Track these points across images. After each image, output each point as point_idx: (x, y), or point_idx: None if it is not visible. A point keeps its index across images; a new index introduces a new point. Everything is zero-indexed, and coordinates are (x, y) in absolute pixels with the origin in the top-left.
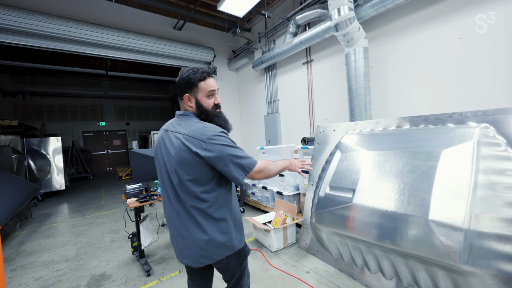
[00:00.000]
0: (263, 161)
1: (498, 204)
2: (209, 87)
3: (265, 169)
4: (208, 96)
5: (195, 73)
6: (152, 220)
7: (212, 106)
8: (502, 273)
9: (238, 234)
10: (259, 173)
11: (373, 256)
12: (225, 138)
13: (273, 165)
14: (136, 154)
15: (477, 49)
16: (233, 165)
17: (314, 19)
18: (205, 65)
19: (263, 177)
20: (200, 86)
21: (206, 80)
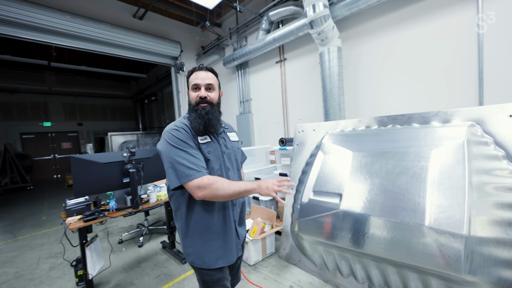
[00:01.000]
0: (213, 178)
1: (492, 206)
2: (193, 79)
3: (209, 187)
4: (193, 89)
5: (190, 69)
6: (105, 238)
7: (195, 100)
8: (503, 281)
9: (198, 250)
10: (199, 189)
11: (362, 265)
12: (173, 136)
13: (227, 185)
14: (79, 160)
15: (441, 52)
16: (170, 167)
17: (287, 16)
18: (171, 60)
19: (208, 196)
20: (189, 80)
21: (195, 73)
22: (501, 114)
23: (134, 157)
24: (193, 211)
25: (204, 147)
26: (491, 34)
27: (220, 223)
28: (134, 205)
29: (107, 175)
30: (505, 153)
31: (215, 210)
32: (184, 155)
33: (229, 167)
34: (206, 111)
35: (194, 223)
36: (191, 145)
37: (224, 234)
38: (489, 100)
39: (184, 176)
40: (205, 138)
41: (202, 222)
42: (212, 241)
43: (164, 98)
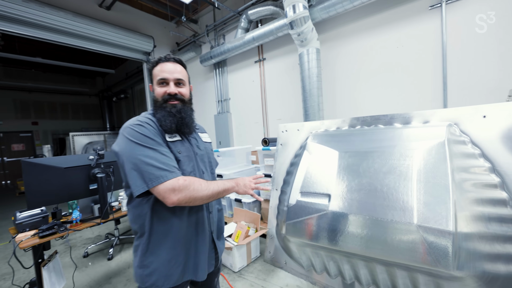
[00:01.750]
0: (189, 178)
1: (472, 202)
2: (160, 73)
3: (186, 189)
4: (160, 84)
5: (155, 60)
6: (66, 252)
7: (162, 96)
8: (487, 274)
9: (163, 267)
10: (174, 193)
11: (350, 266)
12: (136, 132)
13: (204, 186)
14: (32, 165)
15: (411, 57)
16: (133, 170)
17: (266, 15)
18: (143, 56)
19: (184, 200)
20: (153, 72)
21: (160, 64)
22: (476, 115)
23: (102, 160)
24: (159, 221)
25: (173, 146)
26: (453, 42)
27: (191, 232)
28: (103, 214)
29: (69, 182)
30: (481, 151)
31: (184, 217)
32: (152, 154)
33: (203, 170)
34: (178, 109)
35: (160, 235)
36: (160, 142)
37: (195, 246)
38: (452, 103)
39: (153, 178)
40: (175, 136)
41: (171, 233)
42: (182, 254)
43: (134, 95)
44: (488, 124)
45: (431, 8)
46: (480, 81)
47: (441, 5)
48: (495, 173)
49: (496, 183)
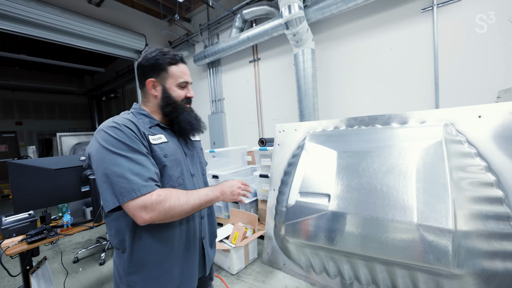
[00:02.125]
0: (165, 192)
1: (469, 200)
2: (182, 75)
3: (159, 206)
4: (181, 86)
5: (164, 55)
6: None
7: (182, 99)
8: (485, 272)
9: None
10: (145, 211)
11: (350, 266)
12: (109, 136)
13: (183, 200)
14: (20, 167)
15: (404, 59)
16: (104, 181)
17: (261, 15)
18: (135, 54)
19: (158, 219)
20: (170, 71)
21: (179, 65)
22: (472, 114)
23: None
24: (145, 235)
25: (158, 149)
26: (444, 45)
27: (183, 243)
28: (96, 217)
29: (60, 184)
30: (477, 150)
31: (175, 228)
32: (125, 163)
33: (193, 173)
34: (195, 114)
35: (144, 251)
36: (136, 148)
37: (186, 257)
38: (443, 104)
39: (124, 192)
40: (159, 137)
41: (157, 249)
42: (172, 270)
43: (125, 95)
44: (483, 124)
45: (423, 11)
46: (470, 82)
47: (432, 8)
48: (491, 172)
49: (492, 181)
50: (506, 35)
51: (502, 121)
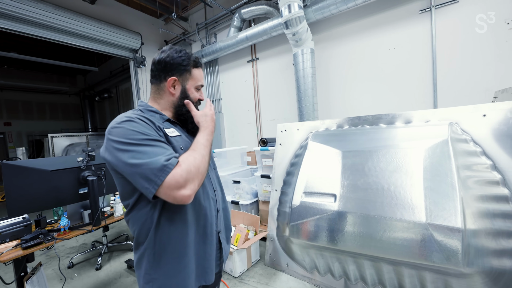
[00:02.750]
0: (182, 160)
1: (477, 199)
2: (201, 78)
3: (192, 171)
4: (197, 88)
5: (189, 57)
6: (51, 262)
7: (196, 101)
8: (494, 270)
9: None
10: (185, 182)
11: (356, 266)
12: (127, 129)
13: (194, 156)
14: (15, 168)
15: (403, 59)
16: (134, 174)
17: (260, 15)
18: (130, 53)
19: (196, 186)
20: (193, 73)
21: (200, 68)
22: (476, 113)
23: (93, 162)
24: (167, 228)
25: (174, 141)
26: (442, 46)
27: (200, 236)
28: (95, 221)
29: (57, 186)
30: (482, 149)
31: (193, 219)
32: (149, 149)
33: None
34: None
35: (166, 245)
36: (156, 137)
37: (203, 251)
38: (441, 104)
39: (160, 170)
40: (173, 131)
41: (177, 242)
42: (190, 264)
43: (119, 95)
44: (488, 122)
45: (421, 12)
46: (468, 83)
47: (430, 9)
48: (497, 171)
49: (498, 180)
50: (502, 36)
51: (506, 120)
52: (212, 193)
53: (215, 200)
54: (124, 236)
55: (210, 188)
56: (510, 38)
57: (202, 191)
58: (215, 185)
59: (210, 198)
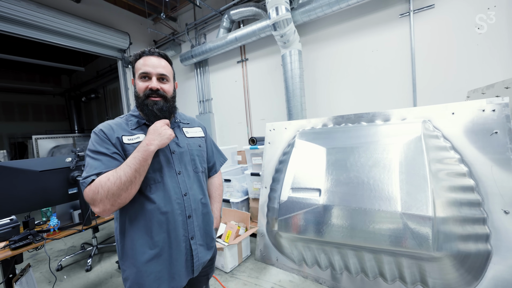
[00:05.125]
0: (98, 179)
1: (446, 189)
2: (142, 66)
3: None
4: (142, 78)
5: (138, 54)
6: (38, 266)
7: (143, 91)
8: (460, 253)
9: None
10: (94, 202)
11: (340, 256)
12: (90, 141)
13: (114, 176)
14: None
15: (385, 61)
16: None
17: (249, 16)
18: (118, 53)
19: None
20: (137, 65)
21: (143, 58)
22: (446, 112)
23: (82, 162)
24: (128, 225)
25: (131, 148)
26: (420, 48)
27: (162, 241)
28: (85, 220)
29: (45, 187)
30: (451, 144)
31: (151, 227)
32: (90, 158)
33: (179, 171)
34: (159, 107)
35: (129, 240)
36: (101, 151)
37: (169, 256)
38: (420, 103)
39: (82, 182)
40: (137, 137)
41: (139, 240)
42: (152, 264)
43: (107, 95)
44: (456, 120)
45: (401, 16)
46: (443, 83)
47: (409, 14)
48: (464, 163)
49: (465, 172)
50: (473, 40)
51: (472, 117)
52: (178, 197)
53: (182, 205)
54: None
55: (177, 192)
56: (480, 41)
57: (163, 196)
58: (185, 189)
59: (174, 203)
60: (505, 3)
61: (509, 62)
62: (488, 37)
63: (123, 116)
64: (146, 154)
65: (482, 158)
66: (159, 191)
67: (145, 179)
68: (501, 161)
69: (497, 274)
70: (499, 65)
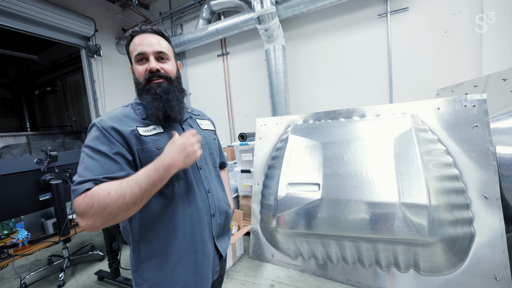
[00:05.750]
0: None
1: (435, 179)
2: (136, 47)
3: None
4: (139, 60)
5: (128, 34)
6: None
7: (143, 75)
8: (451, 238)
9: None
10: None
11: (338, 248)
12: (89, 135)
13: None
14: None
15: (364, 59)
16: None
17: (230, 8)
18: (81, 41)
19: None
20: (130, 49)
21: (137, 37)
22: (432, 107)
23: (56, 163)
24: (145, 231)
25: (150, 140)
26: (396, 48)
27: (186, 246)
28: (63, 230)
29: (9, 194)
30: (438, 137)
31: (176, 227)
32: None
33: (200, 165)
34: (164, 88)
35: (147, 248)
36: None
37: (194, 259)
38: (396, 100)
39: (73, 189)
40: (153, 128)
41: (160, 247)
42: (177, 270)
43: (67, 89)
44: (441, 114)
45: (379, 17)
46: (416, 81)
47: (386, 15)
48: (449, 155)
49: (450, 162)
50: (442, 42)
51: (455, 112)
52: (202, 195)
53: (206, 203)
54: (89, 245)
55: (201, 189)
56: (447, 44)
57: (187, 194)
58: (208, 185)
59: (199, 201)
60: (468, 10)
61: (474, 63)
62: (453, 40)
63: (127, 104)
64: (165, 175)
65: (465, 149)
66: (182, 188)
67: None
68: (481, 152)
69: (479, 254)
70: (465, 65)
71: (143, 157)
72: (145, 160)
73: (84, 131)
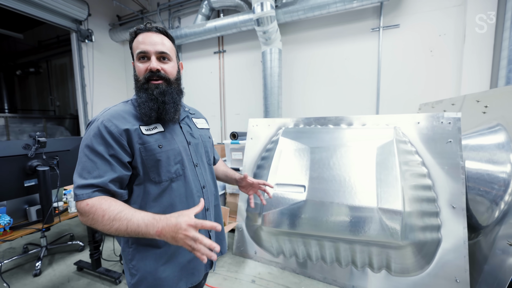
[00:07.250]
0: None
1: (411, 188)
2: (139, 45)
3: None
4: (140, 58)
5: (132, 30)
6: None
7: (143, 74)
8: (421, 242)
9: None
10: (81, 215)
11: (318, 247)
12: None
13: (109, 219)
14: None
15: (355, 69)
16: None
17: (230, 6)
18: (72, 24)
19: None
20: (133, 45)
21: (141, 34)
22: (412, 121)
23: (44, 149)
24: None
25: (152, 139)
26: (385, 62)
27: None
28: (47, 218)
29: None
30: (415, 149)
31: None
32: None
33: (196, 163)
34: (161, 90)
35: (146, 239)
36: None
37: (189, 252)
38: (382, 111)
39: (76, 193)
40: (155, 127)
41: (157, 240)
42: (173, 260)
43: (52, 71)
44: (420, 128)
45: (372, 31)
46: (402, 95)
47: (379, 29)
48: (424, 166)
49: (425, 173)
50: (426, 61)
51: (432, 127)
52: (198, 190)
53: (202, 198)
54: (69, 235)
55: (197, 185)
56: (432, 63)
57: (185, 190)
58: (203, 181)
59: (195, 196)
60: (452, 32)
61: (454, 83)
62: (437, 59)
63: (127, 100)
64: (150, 235)
65: (439, 162)
66: (181, 184)
67: (168, 172)
68: (452, 165)
69: (443, 258)
70: (447, 84)
71: (145, 155)
72: (147, 157)
73: (68, 117)
